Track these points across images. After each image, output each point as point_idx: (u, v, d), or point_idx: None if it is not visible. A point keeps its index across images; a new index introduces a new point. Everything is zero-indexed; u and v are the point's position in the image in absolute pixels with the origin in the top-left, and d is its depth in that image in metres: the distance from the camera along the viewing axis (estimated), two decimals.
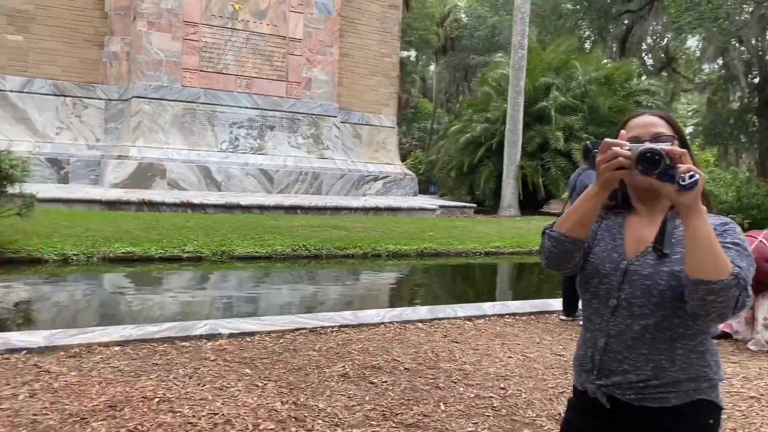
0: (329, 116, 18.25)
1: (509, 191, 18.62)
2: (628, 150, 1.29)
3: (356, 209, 14.51)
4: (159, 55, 15.79)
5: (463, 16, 40.35)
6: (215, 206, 12.88)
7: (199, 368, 3.75)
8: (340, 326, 4.85)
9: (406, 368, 3.95)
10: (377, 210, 14.89)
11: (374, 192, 18.69)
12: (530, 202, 19.69)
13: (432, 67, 44.88)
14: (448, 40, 38.97)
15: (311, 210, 13.79)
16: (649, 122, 1.46)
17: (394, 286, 8.64)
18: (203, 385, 3.47)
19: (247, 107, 16.87)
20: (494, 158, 19.56)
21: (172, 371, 3.67)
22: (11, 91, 15.46)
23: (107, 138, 16.25)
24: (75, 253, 7.71)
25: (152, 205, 12.37)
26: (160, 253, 8.20)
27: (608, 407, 1.45)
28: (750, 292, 1.27)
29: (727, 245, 1.32)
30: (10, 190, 7.22)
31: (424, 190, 26.50)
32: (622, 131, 1.41)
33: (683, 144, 1.43)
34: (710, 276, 1.23)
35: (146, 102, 15.64)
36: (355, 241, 9.93)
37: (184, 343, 4.24)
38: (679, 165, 1.24)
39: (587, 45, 30.23)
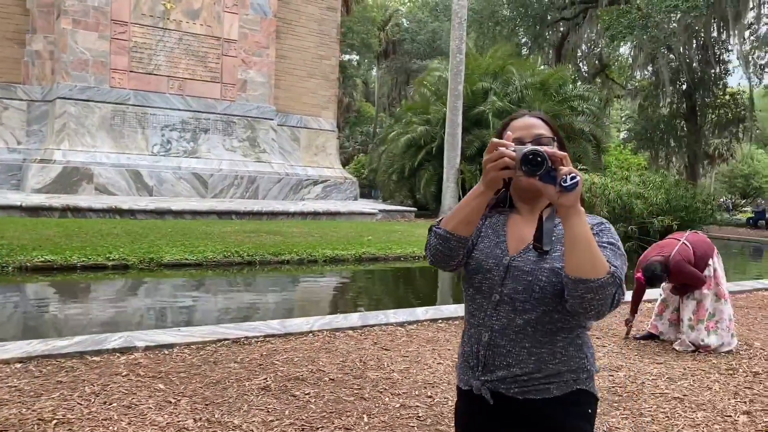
0: (266, 119, 17.91)
1: (449, 195, 18.72)
2: (513, 151, 1.31)
3: (294, 214, 14.25)
4: (85, 54, 15.13)
5: (404, 20, 40.62)
6: (145, 212, 12.40)
7: (108, 385, 3.50)
8: (266, 336, 4.65)
9: (331, 379, 3.79)
10: (316, 215, 14.67)
11: (313, 196, 18.45)
12: None
13: (374, 71, 44.95)
14: (389, 44, 39.16)
15: (246, 215, 13.46)
16: (530, 124, 1.51)
17: (328, 292, 8.46)
18: (110, 404, 3.23)
19: (179, 109, 16.36)
20: (434, 162, 19.64)
21: (78, 389, 3.41)
22: None
23: (29, 141, 15.47)
24: None
25: (78, 212, 11.80)
26: (83, 261, 7.80)
27: (491, 403, 1.47)
28: (624, 290, 1.33)
29: (603, 244, 1.38)
30: None
31: (366, 194, 26.44)
32: (508, 132, 1.46)
33: (562, 145, 1.50)
34: (588, 275, 1.28)
35: (72, 103, 14.96)
36: (291, 246, 9.71)
37: (94, 358, 3.97)
38: (561, 167, 1.28)
39: (524, 51, 30.86)
